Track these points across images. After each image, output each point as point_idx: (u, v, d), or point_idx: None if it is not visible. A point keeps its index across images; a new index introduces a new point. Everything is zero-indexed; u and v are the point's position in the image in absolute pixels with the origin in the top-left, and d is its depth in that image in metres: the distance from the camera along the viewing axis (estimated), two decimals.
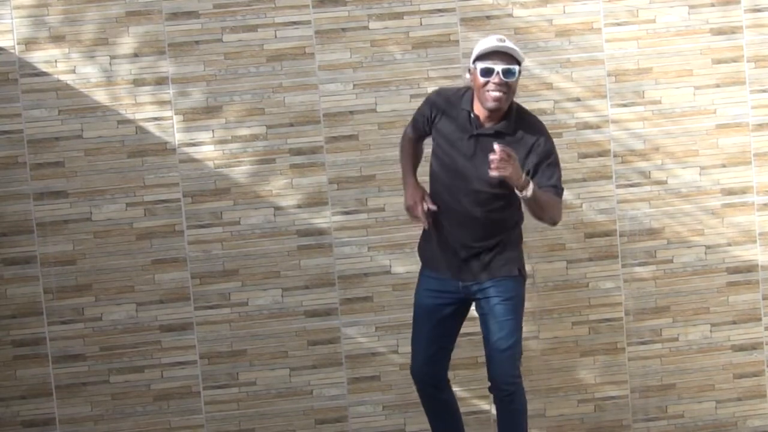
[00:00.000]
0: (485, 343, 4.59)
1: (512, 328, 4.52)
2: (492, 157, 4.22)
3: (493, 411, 4.72)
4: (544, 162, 4.44)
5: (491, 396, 4.72)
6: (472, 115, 4.47)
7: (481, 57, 4.39)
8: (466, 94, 4.53)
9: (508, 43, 4.42)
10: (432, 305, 4.64)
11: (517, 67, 4.38)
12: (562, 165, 5.34)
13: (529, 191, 4.27)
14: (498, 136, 4.42)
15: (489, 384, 4.61)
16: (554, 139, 5.32)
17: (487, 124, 4.46)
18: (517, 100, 5.29)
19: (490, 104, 4.39)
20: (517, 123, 4.46)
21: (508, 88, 4.37)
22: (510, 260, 4.56)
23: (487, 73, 4.36)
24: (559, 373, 5.47)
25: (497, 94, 4.36)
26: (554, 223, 4.50)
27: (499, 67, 4.34)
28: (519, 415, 4.64)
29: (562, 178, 4.54)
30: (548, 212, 4.41)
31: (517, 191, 4.30)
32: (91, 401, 5.34)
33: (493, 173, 4.23)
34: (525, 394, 4.63)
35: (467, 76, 4.48)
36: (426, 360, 4.67)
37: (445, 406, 4.81)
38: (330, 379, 5.41)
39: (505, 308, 4.52)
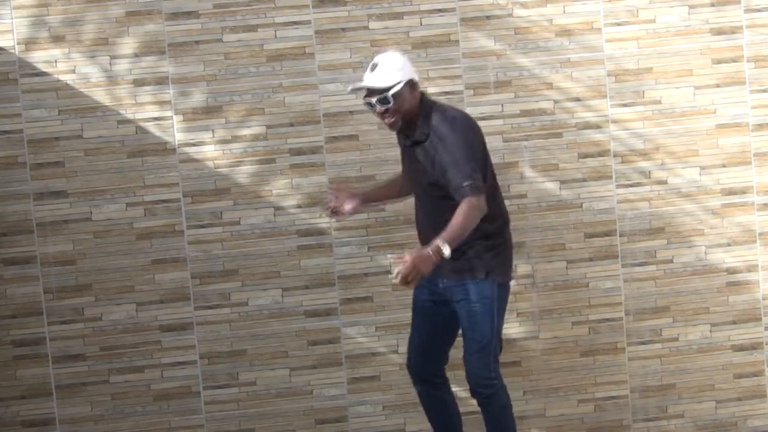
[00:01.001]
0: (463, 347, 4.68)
1: (480, 331, 4.56)
2: (394, 274, 4.26)
3: None
4: (440, 157, 4.48)
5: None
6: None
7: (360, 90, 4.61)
8: None
9: (377, 72, 4.50)
10: (421, 301, 4.79)
11: (388, 94, 4.48)
12: (561, 165, 5.36)
13: (446, 251, 4.29)
14: (416, 144, 4.59)
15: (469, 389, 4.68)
16: (554, 139, 5.35)
17: (408, 134, 4.63)
18: (518, 100, 5.32)
19: (390, 129, 4.61)
20: (424, 126, 4.56)
21: (392, 111, 4.52)
22: (477, 264, 4.58)
23: (369, 106, 4.56)
24: (559, 373, 5.47)
25: (388, 121, 4.55)
26: (478, 219, 4.40)
27: (373, 99, 4.52)
28: (501, 414, 4.67)
29: (476, 161, 4.48)
30: (471, 224, 4.36)
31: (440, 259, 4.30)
32: (91, 401, 5.34)
33: (407, 287, 4.28)
34: (506, 393, 4.66)
35: None
36: (416, 353, 4.82)
37: (441, 404, 4.84)
38: (330, 379, 5.41)
39: (471, 311, 4.57)
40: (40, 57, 5.20)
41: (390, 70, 4.51)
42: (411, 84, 4.54)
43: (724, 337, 5.51)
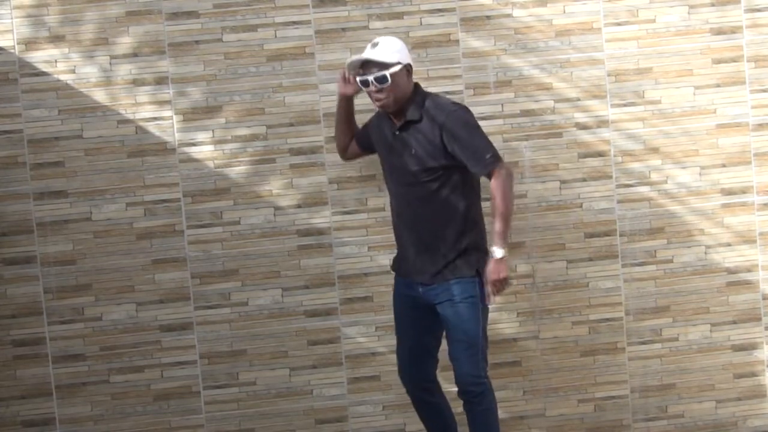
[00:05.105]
0: (448, 349, 4.67)
1: (467, 330, 4.57)
2: (490, 295, 4.51)
3: None
4: (456, 138, 4.54)
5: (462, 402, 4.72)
6: (389, 116, 4.74)
7: (360, 68, 4.67)
8: None
9: (379, 48, 4.61)
10: (403, 308, 4.82)
11: (387, 72, 4.57)
12: (561, 165, 5.37)
13: (500, 252, 4.49)
14: (408, 126, 4.64)
15: (457, 389, 4.65)
16: (554, 139, 5.36)
17: (398, 121, 4.69)
18: (518, 100, 5.32)
19: (380, 109, 4.71)
20: (419, 108, 4.63)
21: (387, 92, 4.60)
22: (466, 263, 4.59)
23: (364, 84, 4.65)
24: (559, 373, 5.47)
25: (380, 102, 4.64)
26: (513, 182, 4.57)
27: (370, 76, 4.60)
28: (490, 415, 4.65)
29: (494, 144, 4.65)
30: (510, 200, 4.49)
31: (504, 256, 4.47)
32: (91, 401, 5.34)
33: (496, 299, 4.52)
34: (494, 395, 4.67)
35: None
36: (408, 362, 4.80)
37: (436, 409, 4.83)
38: (330, 379, 5.41)
39: (457, 311, 4.59)
40: (40, 57, 5.20)
41: (391, 50, 4.61)
42: (408, 69, 4.66)
43: (724, 337, 5.51)
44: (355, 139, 5.04)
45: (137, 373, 5.34)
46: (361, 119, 5.16)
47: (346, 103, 4.96)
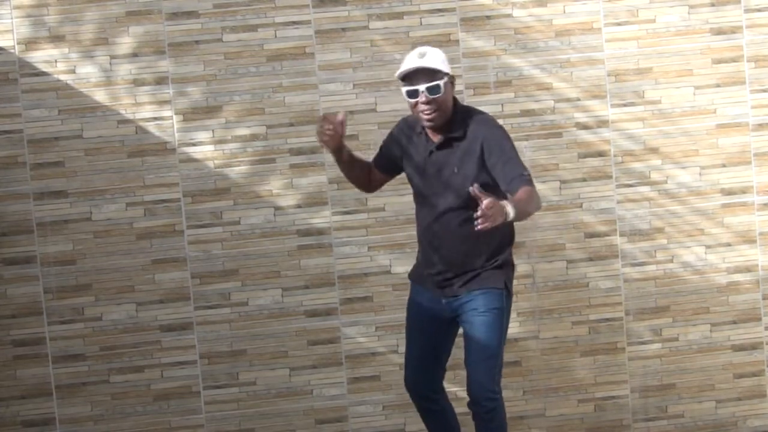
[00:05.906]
0: (465, 357, 4.45)
1: (489, 341, 4.38)
2: (477, 215, 3.97)
3: None
4: (496, 151, 4.28)
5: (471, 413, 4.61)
6: (424, 133, 4.42)
7: (404, 78, 4.33)
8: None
9: (429, 57, 4.31)
10: (420, 319, 4.58)
11: (441, 82, 4.27)
12: (561, 165, 5.37)
13: (511, 211, 4.03)
14: (448, 143, 4.35)
15: (468, 400, 4.49)
16: (554, 139, 5.36)
17: (436, 138, 4.39)
18: (518, 100, 5.32)
19: (427, 124, 4.35)
20: (463, 125, 4.36)
21: (438, 103, 4.29)
22: (495, 274, 4.43)
23: (413, 94, 4.30)
24: (559, 373, 5.47)
25: (429, 115, 4.30)
26: (538, 208, 4.29)
27: (422, 86, 4.27)
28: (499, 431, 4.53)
29: (528, 166, 4.42)
30: (532, 208, 4.18)
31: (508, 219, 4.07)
32: (91, 401, 5.34)
33: (483, 227, 3.96)
34: (505, 411, 4.47)
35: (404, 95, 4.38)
36: (416, 371, 4.60)
37: (439, 417, 4.73)
38: (330, 379, 5.41)
39: (484, 320, 4.39)
40: (40, 57, 5.21)
41: (441, 60, 4.33)
42: (452, 81, 4.40)
43: (724, 337, 5.51)
44: (375, 168, 4.64)
45: (137, 373, 5.34)
46: (365, 118, 5.18)
47: (340, 152, 4.47)
